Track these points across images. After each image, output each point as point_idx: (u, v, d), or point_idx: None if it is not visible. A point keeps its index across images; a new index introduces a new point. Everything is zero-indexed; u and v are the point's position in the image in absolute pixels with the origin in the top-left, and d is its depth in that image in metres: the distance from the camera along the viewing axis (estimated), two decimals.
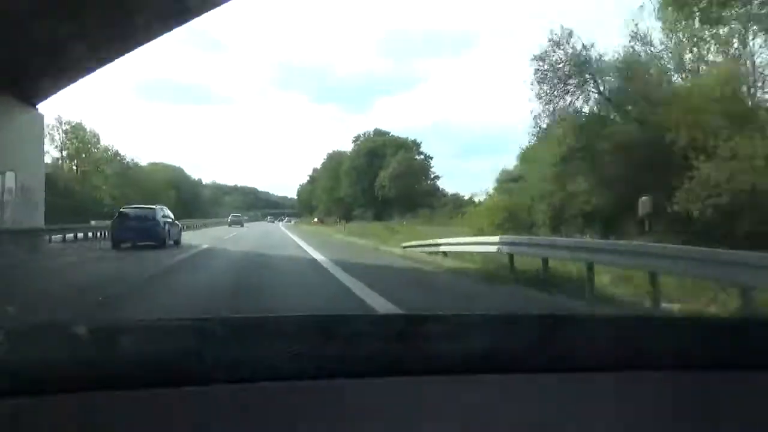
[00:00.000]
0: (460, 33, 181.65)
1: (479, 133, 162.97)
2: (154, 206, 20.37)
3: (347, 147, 78.02)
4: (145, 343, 0.81)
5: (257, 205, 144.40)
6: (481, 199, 33.96)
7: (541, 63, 21.84)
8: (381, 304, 6.95)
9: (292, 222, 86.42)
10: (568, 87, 21.60)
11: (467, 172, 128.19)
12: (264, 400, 0.74)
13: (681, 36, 20.24)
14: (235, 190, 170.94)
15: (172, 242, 19.65)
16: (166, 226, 19.39)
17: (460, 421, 0.68)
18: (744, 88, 17.82)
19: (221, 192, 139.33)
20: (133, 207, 20.66)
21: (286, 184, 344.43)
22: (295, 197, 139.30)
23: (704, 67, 19.86)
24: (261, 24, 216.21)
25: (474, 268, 11.97)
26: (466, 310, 1.03)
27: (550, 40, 21.60)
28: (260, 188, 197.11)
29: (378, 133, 73.45)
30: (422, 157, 69.57)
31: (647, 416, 0.71)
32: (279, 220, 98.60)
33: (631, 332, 0.90)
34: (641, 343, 0.89)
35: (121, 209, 20.29)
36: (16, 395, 0.73)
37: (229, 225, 50.02)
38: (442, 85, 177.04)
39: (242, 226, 50.55)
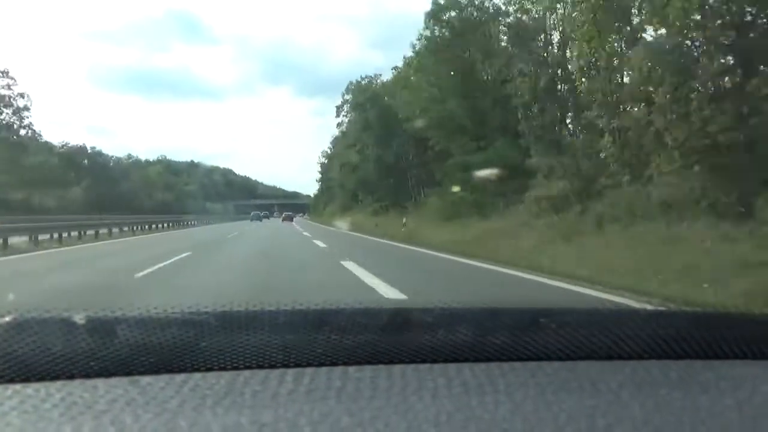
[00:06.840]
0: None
1: None
2: (260, 211, 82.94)
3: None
4: (143, 332, 0.85)
5: (230, 194, 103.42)
6: None
7: None
8: None
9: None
10: None
11: None
12: (255, 387, 0.77)
13: None
14: (194, 167, 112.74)
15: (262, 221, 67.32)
16: (262, 218, 76.43)
17: (444, 407, 0.71)
18: None
19: (168, 169, 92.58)
20: (254, 212, 78.06)
21: (279, 175, 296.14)
22: (289, 190, 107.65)
23: None
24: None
25: None
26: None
27: None
28: (239, 171, 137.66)
29: None
30: None
31: (625, 404, 0.74)
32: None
33: (610, 324, 0.95)
34: (620, 334, 0.93)
35: (252, 213, 77.87)
36: (23, 381, 0.78)
37: None
38: None
39: None
